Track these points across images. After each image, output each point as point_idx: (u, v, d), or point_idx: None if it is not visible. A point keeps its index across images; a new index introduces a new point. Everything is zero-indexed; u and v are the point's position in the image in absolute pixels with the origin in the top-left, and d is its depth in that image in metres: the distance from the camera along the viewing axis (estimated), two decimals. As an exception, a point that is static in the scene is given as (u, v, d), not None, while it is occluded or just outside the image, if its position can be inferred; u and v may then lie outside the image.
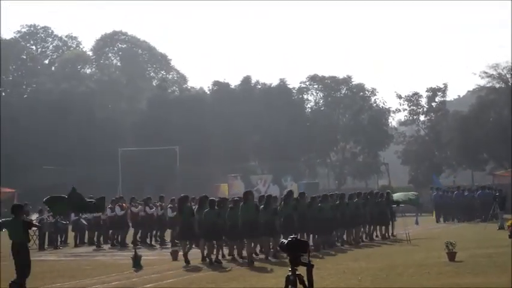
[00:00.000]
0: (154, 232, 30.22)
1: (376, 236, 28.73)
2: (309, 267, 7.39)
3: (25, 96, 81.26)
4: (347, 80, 75.11)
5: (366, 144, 72.52)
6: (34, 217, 28.83)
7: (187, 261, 20.46)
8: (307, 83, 76.05)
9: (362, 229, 28.03)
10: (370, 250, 23.71)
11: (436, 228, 35.21)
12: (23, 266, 14.80)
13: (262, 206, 22.00)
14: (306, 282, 7.44)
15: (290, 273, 7.47)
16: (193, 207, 23.27)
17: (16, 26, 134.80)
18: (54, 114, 68.57)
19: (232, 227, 21.22)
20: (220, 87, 75.59)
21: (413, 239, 26.60)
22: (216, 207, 21.28)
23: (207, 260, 20.68)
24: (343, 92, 75.43)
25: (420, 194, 36.95)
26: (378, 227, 29.17)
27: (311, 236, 24.32)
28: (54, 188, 38.73)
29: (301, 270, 7.46)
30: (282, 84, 74.91)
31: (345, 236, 26.81)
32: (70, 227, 31.28)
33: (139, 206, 29.36)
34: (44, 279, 15.40)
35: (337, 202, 26.43)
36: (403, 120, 75.04)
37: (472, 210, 41.69)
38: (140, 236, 29.33)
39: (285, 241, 7.54)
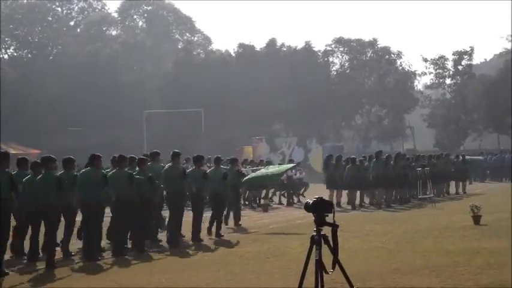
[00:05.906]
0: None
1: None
2: (334, 227, 7.37)
3: (50, 58, 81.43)
4: (373, 43, 74.32)
5: (392, 108, 72.12)
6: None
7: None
8: (333, 46, 75.29)
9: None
10: (396, 214, 23.71)
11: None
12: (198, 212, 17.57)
13: (392, 162, 27.46)
14: (331, 243, 7.43)
15: (315, 233, 7.45)
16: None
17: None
18: (80, 76, 68.60)
19: (369, 179, 26.48)
20: (245, 49, 75.08)
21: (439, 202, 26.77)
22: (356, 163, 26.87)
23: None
24: (368, 55, 74.78)
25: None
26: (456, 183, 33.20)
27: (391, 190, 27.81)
28: (80, 149, 38.79)
29: (326, 231, 7.45)
30: (308, 47, 74.20)
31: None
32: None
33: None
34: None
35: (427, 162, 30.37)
36: (429, 83, 74.68)
37: None
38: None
39: (310, 201, 7.52)
